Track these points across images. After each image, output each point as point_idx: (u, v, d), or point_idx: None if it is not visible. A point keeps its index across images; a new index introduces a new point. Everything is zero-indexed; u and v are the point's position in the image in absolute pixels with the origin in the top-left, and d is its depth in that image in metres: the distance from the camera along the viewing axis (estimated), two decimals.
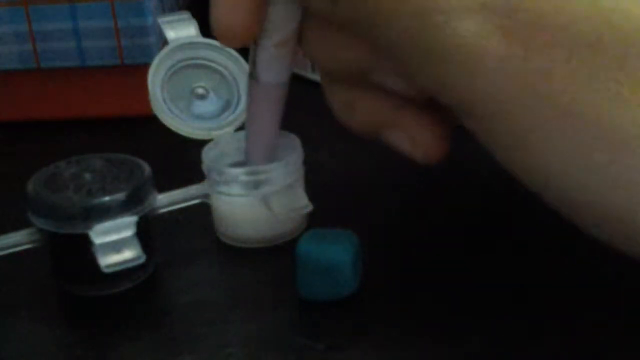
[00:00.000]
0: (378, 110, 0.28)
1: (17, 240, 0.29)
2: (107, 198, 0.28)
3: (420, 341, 0.26)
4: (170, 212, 0.31)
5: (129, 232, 0.28)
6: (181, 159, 0.35)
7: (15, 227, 0.29)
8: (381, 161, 0.38)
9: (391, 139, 0.28)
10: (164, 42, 0.35)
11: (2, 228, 0.30)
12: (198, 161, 0.32)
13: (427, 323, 0.27)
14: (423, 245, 0.31)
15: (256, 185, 0.31)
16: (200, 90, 0.35)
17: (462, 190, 0.35)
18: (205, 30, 0.36)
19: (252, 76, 0.29)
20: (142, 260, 0.28)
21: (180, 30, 0.35)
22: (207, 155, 0.32)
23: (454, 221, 0.33)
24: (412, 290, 0.29)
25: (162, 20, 0.36)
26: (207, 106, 0.35)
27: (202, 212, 0.32)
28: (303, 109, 0.43)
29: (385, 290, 0.29)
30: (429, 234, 0.32)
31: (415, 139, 0.28)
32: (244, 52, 0.36)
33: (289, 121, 0.33)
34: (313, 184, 0.33)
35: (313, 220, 0.32)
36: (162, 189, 0.31)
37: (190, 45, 0.35)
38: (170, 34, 0.35)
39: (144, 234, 0.29)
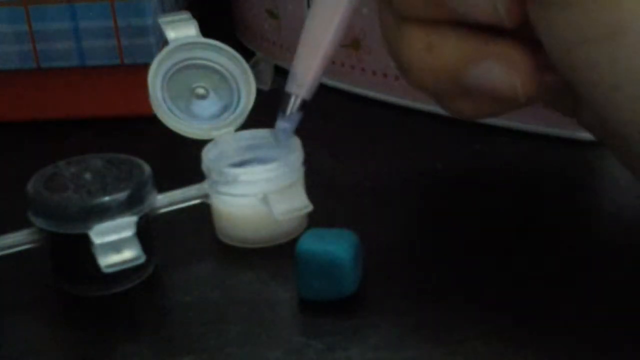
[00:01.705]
0: (464, 44, 0.26)
1: (17, 240, 0.29)
2: (107, 198, 0.28)
3: (420, 341, 0.26)
4: (170, 212, 0.31)
5: (129, 232, 0.28)
6: (181, 159, 0.35)
7: (15, 227, 0.29)
8: (381, 161, 0.38)
9: (480, 73, 0.26)
10: (164, 42, 0.35)
11: (2, 228, 0.30)
12: (198, 161, 0.32)
13: (427, 323, 0.27)
14: (423, 245, 0.31)
15: (256, 185, 0.31)
16: (200, 90, 0.35)
17: (463, 190, 0.35)
18: (205, 30, 0.36)
19: None
20: (142, 260, 0.28)
21: (180, 30, 0.35)
22: (207, 155, 0.32)
23: (454, 221, 0.33)
24: (412, 290, 0.29)
25: (162, 20, 0.36)
26: (207, 106, 0.35)
27: (202, 212, 0.32)
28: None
29: (385, 290, 0.29)
30: (429, 234, 0.32)
31: (513, 64, 0.26)
32: (244, 52, 0.36)
33: None
34: (313, 184, 0.33)
35: (313, 220, 0.32)
36: (162, 189, 0.31)
37: (190, 45, 0.35)
38: (170, 34, 0.35)
39: (144, 234, 0.29)
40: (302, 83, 0.28)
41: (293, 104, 0.29)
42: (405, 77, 0.28)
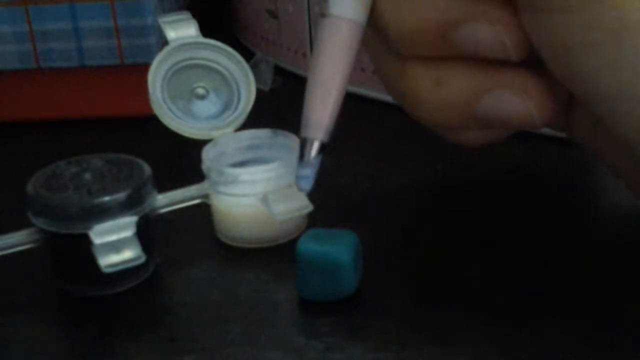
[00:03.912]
0: (473, 75, 0.26)
1: (17, 240, 0.29)
2: (107, 198, 0.28)
3: (420, 341, 0.26)
4: (170, 212, 0.31)
5: (129, 232, 0.28)
6: (181, 159, 0.35)
7: (15, 227, 0.29)
8: (381, 161, 0.38)
9: (493, 103, 0.26)
10: (164, 42, 0.35)
11: (2, 228, 0.30)
12: (198, 161, 0.32)
13: (427, 323, 0.27)
14: (423, 245, 0.31)
15: (256, 185, 0.31)
16: (200, 90, 0.35)
17: (463, 190, 0.35)
18: (205, 30, 0.36)
19: (323, 13, 0.26)
20: (142, 260, 0.28)
21: (180, 30, 0.35)
22: (207, 155, 0.32)
23: (454, 221, 0.33)
24: (412, 290, 0.29)
25: (162, 20, 0.36)
26: (207, 106, 0.35)
27: (202, 212, 0.32)
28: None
29: (385, 290, 0.29)
30: (429, 234, 0.32)
31: (527, 90, 0.25)
32: (244, 52, 0.36)
33: (289, 121, 0.33)
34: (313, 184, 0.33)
35: (313, 220, 0.32)
36: (162, 189, 0.31)
37: (190, 45, 0.35)
38: (170, 34, 0.35)
39: (144, 234, 0.29)
40: (317, 126, 0.26)
41: (312, 149, 0.27)
42: (411, 113, 0.28)
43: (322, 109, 0.26)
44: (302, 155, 0.26)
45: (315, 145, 0.26)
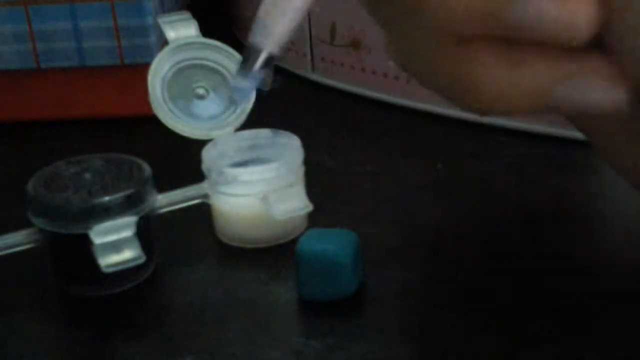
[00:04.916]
0: (555, 58, 0.23)
1: (17, 240, 0.29)
2: (107, 198, 0.29)
3: (421, 341, 0.26)
4: (170, 212, 0.31)
5: (129, 232, 0.28)
6: (181, 159, 0.35)
7: (15, 227, 0.29)
8: (381, 161, 0.38)
9: (575, 89, 0.23)
10: (164, 42, 0.35)
11: (2, 228, 0.30)
12: (198, 161, 0.32)
13: (427, 323, 0.27)
14: (423, 245, 0.31)
15: (256, 185, 0.31)
16: (200, 90, 0.35)
17: (463, 190, 0.35)
18: (205, 30, 0.36)
19: None
20: (142, 260, 0.28)
21: (180, 30, 0.35)
22: (207, 155, 0.32)
23: (454, 221, 0.33)
24: (412, 290, 0.29)
25: (162, 20, 0.36)
26: (207, 106, 0.35)
27: (202, 212, 0.32)
28: (303, 109, 0.43)
29: (385, 290, 0.29)
30: (429, 234, 0.32)
31: (612, 77, 0.22)
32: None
33: (289, 121, 0.33)
34: (313, 184, 0.33)
35: (313, 220, 0.32)
36: (162, 189, 0.31)
37: (190, 45, 0.35)
38: (170, 34, 0.35)
39: (144, 234, 0.29)
40: (271, 36, 0.23)
41: (258, 59, 0.24)
42: (463, 99, 0.24)
43: (281, 19, 0.23)
44: (244, 64, 0.24)
45: (263, 56, 0.24)
